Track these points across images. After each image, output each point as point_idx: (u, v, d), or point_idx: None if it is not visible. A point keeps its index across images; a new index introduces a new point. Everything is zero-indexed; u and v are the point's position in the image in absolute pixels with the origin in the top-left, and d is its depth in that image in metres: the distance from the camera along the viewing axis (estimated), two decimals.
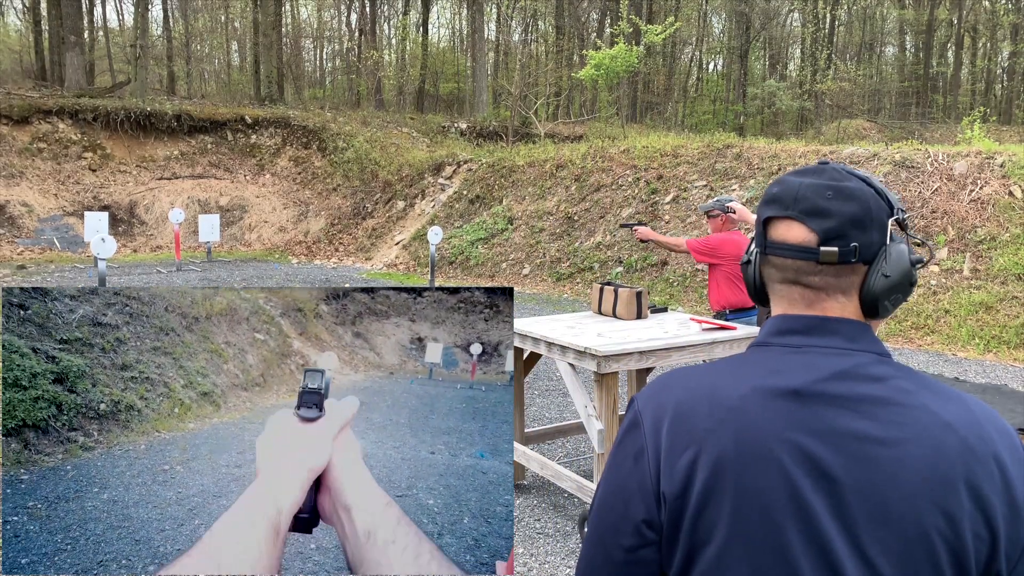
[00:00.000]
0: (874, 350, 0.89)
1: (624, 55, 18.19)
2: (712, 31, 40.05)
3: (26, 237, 16.93)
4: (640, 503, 0.87)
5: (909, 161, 10.66)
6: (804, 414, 0.84)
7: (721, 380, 0.90)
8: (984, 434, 0.83)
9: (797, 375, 0.86)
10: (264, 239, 19.36)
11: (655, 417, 0.90)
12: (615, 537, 0.89)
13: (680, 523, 0.84)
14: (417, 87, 31.17)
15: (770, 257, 0.95)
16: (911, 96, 33.14)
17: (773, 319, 0.96)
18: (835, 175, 0.92)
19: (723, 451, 0.83)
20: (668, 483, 0.85)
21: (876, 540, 0.78)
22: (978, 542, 0.79)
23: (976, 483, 0.79)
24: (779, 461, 0.82)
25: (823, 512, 0.80)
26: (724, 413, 0.86)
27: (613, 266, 12.68)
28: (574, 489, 3.66)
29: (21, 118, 18.56)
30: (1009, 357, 7.82)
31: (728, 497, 0.82)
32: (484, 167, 17.43)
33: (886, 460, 0.80)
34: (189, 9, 32.77)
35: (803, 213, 0.91)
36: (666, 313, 4.49)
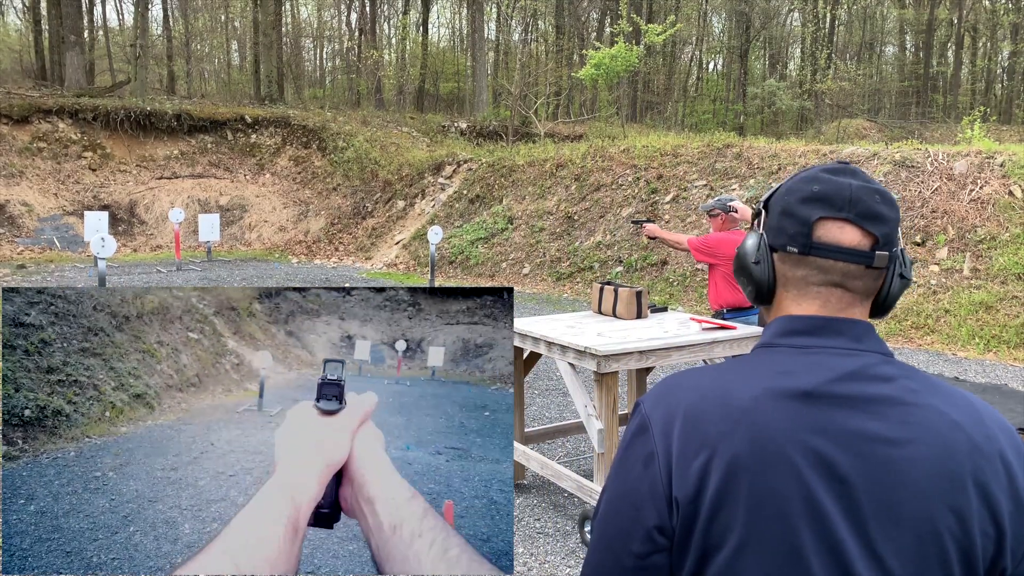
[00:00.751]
0: (880, 350, 0.90)
1: (624, 55, 18.19)
2: (712, 31, 40.05)
3: (26, 237, 16.93)
4: (652, 509, 0.85)
5: (909, 161, 10.66)
6: (816, 415, 0.84)
7: (732, 382, 0.89)
8: (989, 432, 0.83)
9: (807, 376, 0.86)
10: (264, 239, 19.36)
11: (665, 421, 0.89)
12: (625, 543, 0.87)
13: (693, 527, 0.83)
14: (417, 87, 31.17)
15: (814, 258, 0.92)
16: (911, 96, 33.15)
17: (778, 320, 0.95)
18: (868, 178, 0.94)
19: (737, 453, 0.83)
20: (681, 487, 0.84)
21: (888, 540, 0.79)
22: (985, 540, 0.79)
23: (984, 481, 0.80)
24: (793, 463, 0.81)
25: (835, 513, 0.80)
26: (738, 415, 0.85)
27: (613, 266, 12.68)
28: (574, 489, 3.66)
29: (21, 118, 18.56)
30: (1009, 357, 7.82)
31: (742, 500, 0.81)
32: (484, 167, 17.42)
33: (897, 460, 0.81)
34: (189, 9, 32.77)
35: (859, 216, 0.90)
36: (666, 313, 4.49)
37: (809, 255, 0.92)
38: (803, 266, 0.93)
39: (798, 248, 0.92)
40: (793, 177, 0.98)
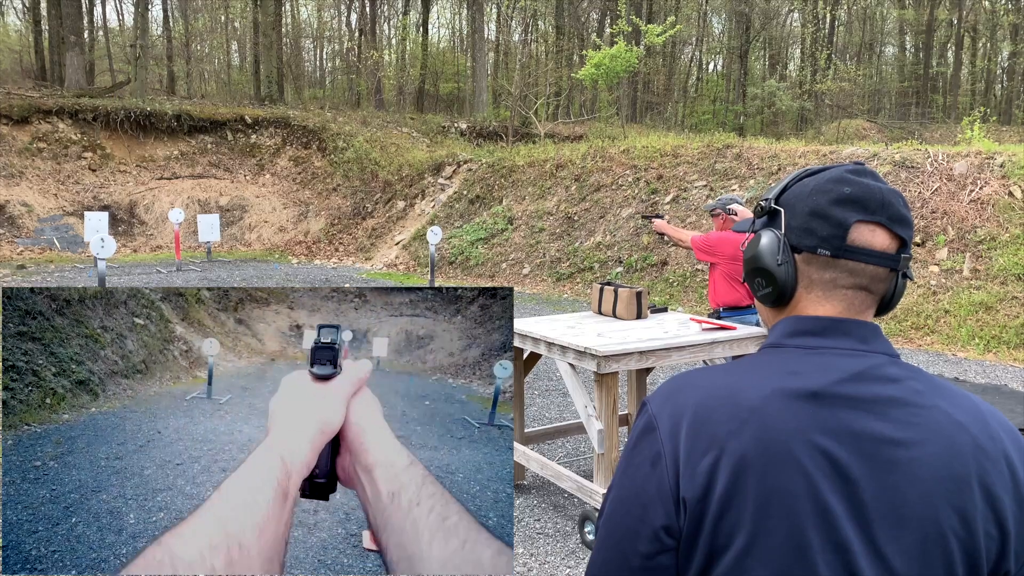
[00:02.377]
0: (886, 351, 0.90)
1: (624, 55, 18.19)
2: (712, 31, 40.05)
3: (26, 237, 16.93)
4: (659, 508, 0.85)
5: (909, 161, 10.66)
6: (823, 416, 0.84)
7: (740, 382, 0.89)
8: (993, 433, 0.84)
9: (815, 377, 0.86)
10: (264, 239, 19.35)
11: (672, 421, 0.88)
12: (632, 543, 0.87)
13: (701, 527, 0.83)
14: (417, 87, 31.17)
15: (845, 261, 0.91)
16: (911, 96, 33.16)
17: (786, 320, 0.95)
18: (881, 179, 0.94)
19: (744, 453, 0.82)
20: (688, 487, 0.84)
21: (893, 540, 0.79)
22: (989, 541, 0.80)
23: (988, 482, 0.80)
24: (800, 463, 0.81)
25: (842, 514, 0.80)
26: (746, 415, 0.84)
27: (613, 266, 12.68)
28: (574, 489, 3.66)
29: (21, 118, 18.56)
30: (1009, 357, 7.82)
31: (750, 499, 0.81)
32: (484, 167, 17.42)
33: (902, 461, 0.81)
34: (189, 9, 32.76)
35: (890, 220, 0.90)
36: (666, 313, 4.49)
37: (841, 258, 0.91)
38: (832, 269, 0.92)
39: (831, 251, 0.91)
40: (809, 176, 0.96)
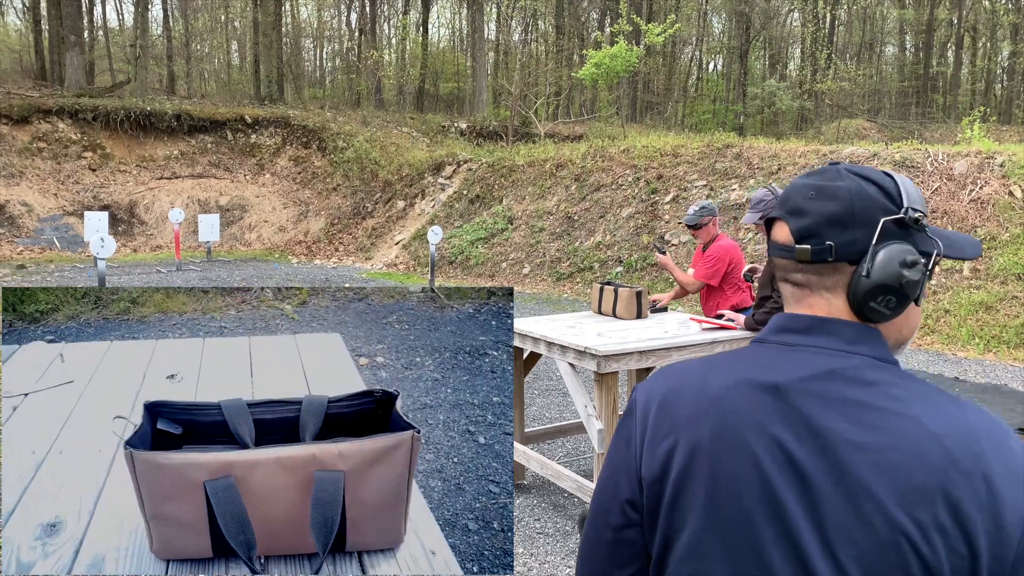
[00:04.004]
0: (874, 355, 0.87)
1: (624, 55, 18.20)
2: (712, 31, 40.06)
3: (26, 237, 16.93)
4: (625, 485, 0.92)
5: (909, 161, 10.66)
6: (783, 409, 0.84)
7: (712, 372, 0.92)
8: (977, 450, 0.79)
9: (785, 371, 0.87)
10: (264, 239, 19.36)
11: (646, 405, 0.94)
12: (605, 516, 0.94)
13: (659, 508, 0.88)
14: (417, 87, 31.18)
15: (772, 257, 0.98)
16: (911, 96, 33.17)
17: (777, 317, 0.96)
18: (829, 175, 0.92)
19: (700, 439, 0.86)
20: (648, 469, 0.89)
21: (845, 542, 0.77)
22: (955, 558, 0.76)
23: (956, 497, 0.76)
24: (751, 450, 0.83)
25: (795, 507, 0.80)
26: (707, 403, 0.88)
27: (613, 266, 12.69)
28: (574, 489, 3.66)
29: (21, 118, 18.56)
30: (1009, 357, 7.82)
31: (702, 484, 0.84)
32: (484, 167, 17.43)
33: (860, 465, 0.79)
34: (189, 9, 32.77)
35: (787, 213, 0.93)
36: (666, 313, 4.49)
37: (769, 254, 0.99)
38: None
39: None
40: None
